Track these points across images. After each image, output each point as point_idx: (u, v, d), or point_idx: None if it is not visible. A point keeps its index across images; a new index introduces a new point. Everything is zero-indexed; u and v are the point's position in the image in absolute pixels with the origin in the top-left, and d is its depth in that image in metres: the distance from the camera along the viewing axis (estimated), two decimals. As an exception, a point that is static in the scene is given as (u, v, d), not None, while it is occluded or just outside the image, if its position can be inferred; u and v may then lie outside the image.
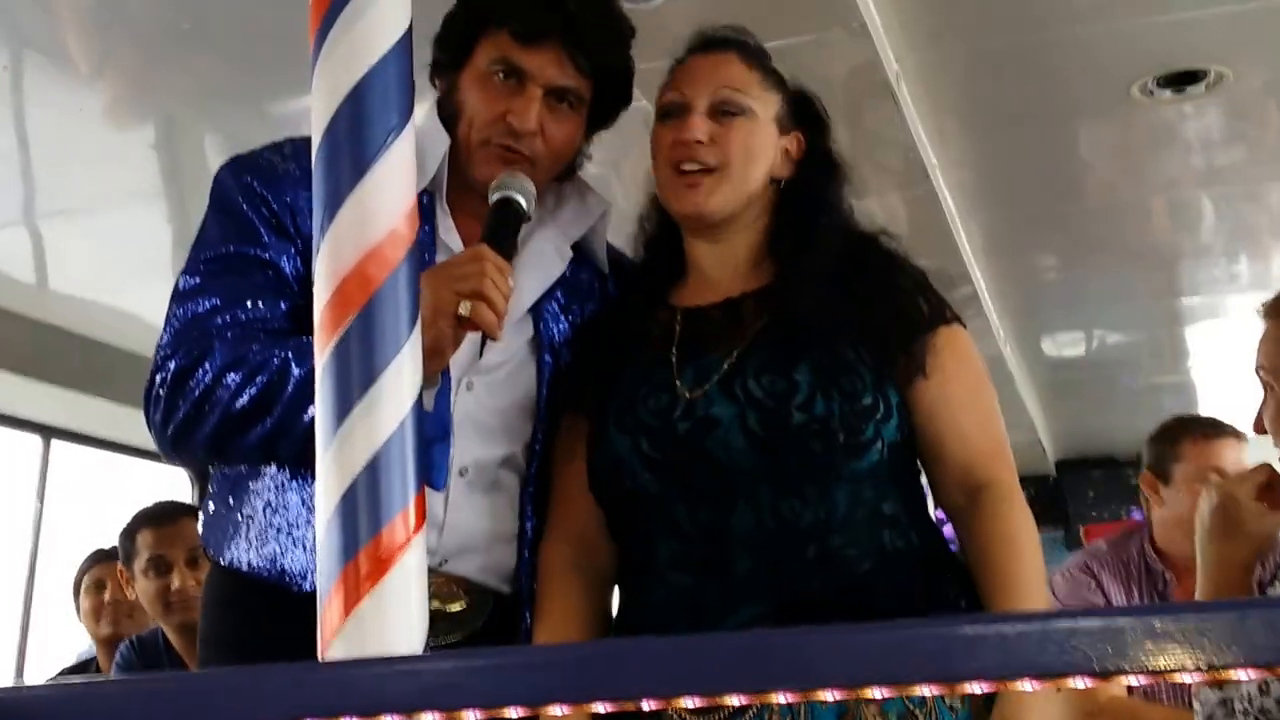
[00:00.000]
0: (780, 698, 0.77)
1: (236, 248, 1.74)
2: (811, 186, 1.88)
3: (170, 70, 3.07)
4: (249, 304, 1.71)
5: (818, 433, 1.69)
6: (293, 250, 1.75)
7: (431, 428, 1.38)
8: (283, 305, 1.74)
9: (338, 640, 1.16)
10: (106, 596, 3.70)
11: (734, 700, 0.79)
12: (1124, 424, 6.56)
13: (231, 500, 1.81)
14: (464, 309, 1.55)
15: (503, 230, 1.69)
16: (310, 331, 1.69)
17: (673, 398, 1.77)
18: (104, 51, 3.00)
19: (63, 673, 3.87)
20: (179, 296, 1.74)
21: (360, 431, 1.17)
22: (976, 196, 3.54)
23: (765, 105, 1.86)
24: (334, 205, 1.17)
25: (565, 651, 1.14)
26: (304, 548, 1.72)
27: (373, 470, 1.16)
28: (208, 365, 1.65)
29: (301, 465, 1.72)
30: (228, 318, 1.70)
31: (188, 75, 3.08)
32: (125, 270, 4.25)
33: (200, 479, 5.35)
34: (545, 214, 1.91)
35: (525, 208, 1.72)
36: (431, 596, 1.45)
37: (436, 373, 1.62)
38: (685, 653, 0.81)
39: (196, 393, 1.65)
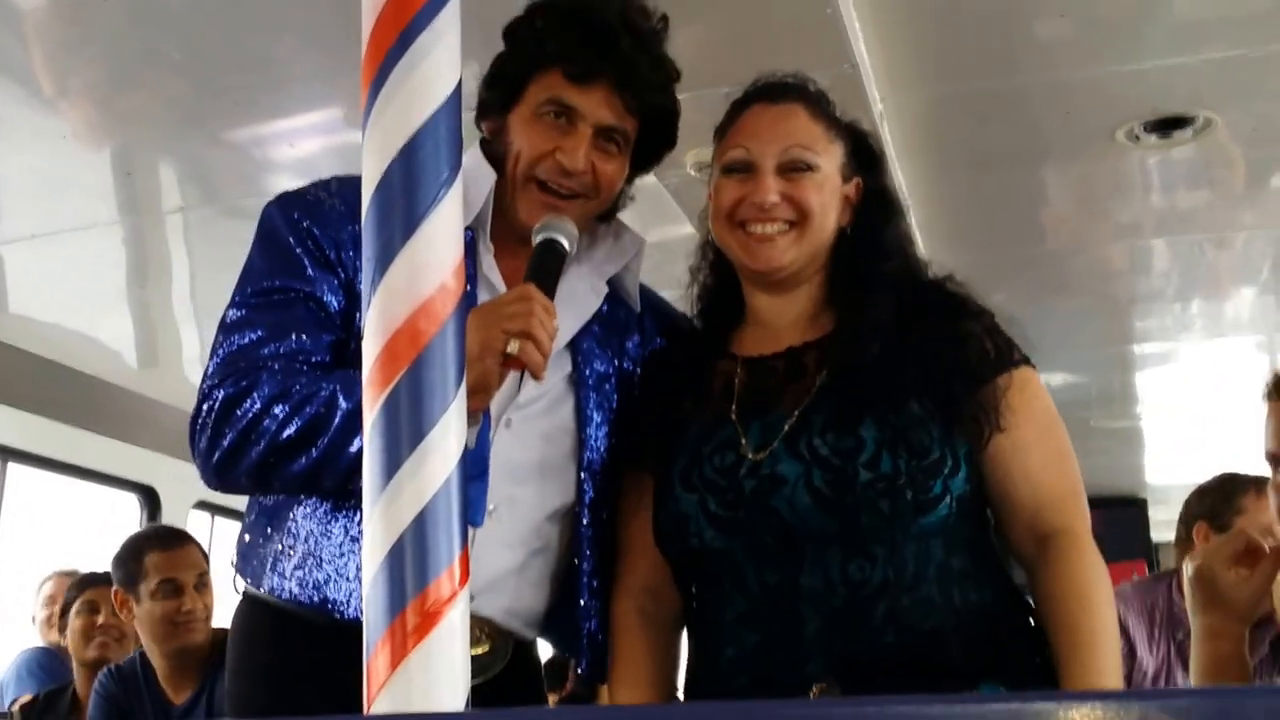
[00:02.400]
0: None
1: (281, 281, 1.76)
2: (870, 231, 1.87)
3: (131, 97, 3.04)
4: (293, 336, 1.73)
5: (885, 491, 1.67)
6: (336, 284, 1.77)
7: (471, 465, 1.40)
8: (325, 338, 1.76)
9: (384, 693, 1.17)
10: (100, 619, 3.71)
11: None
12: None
13: (270, 529, 1.81)
14: (512, 347, 1.56)
15: (546, 271, 1.70)
16: (351, 364, 1.72)
17: (738, 456, 1.76)
18: (68, 77, 2.96)
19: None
20: (225, 328, 1.76)
21: (409, 487, 1.17)
22: (946, 237, 3.54)
23: (831, 158, 1.85)
24: (385, 261, 1.18)
25: (607, 714, 1.14)
26: (348, 577, 1.73)
27: (420, 525, 1.17)
28: (255, 396, 1.66)
29: (344, 496, 1.72)
30: (273, 349, 1.72)
31: (148, 101, 3.05)
32: (84, 296, 4.19)
33: (149, 505, 5.31)
34: (581, 251, 1.91)
35: (567, 249, 1.74)
36: None
37: (479, 410, 1.63)
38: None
39: (244, 422, 1.66)
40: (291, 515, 1.79)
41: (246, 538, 1.86)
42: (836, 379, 1.77)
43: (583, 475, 1.85)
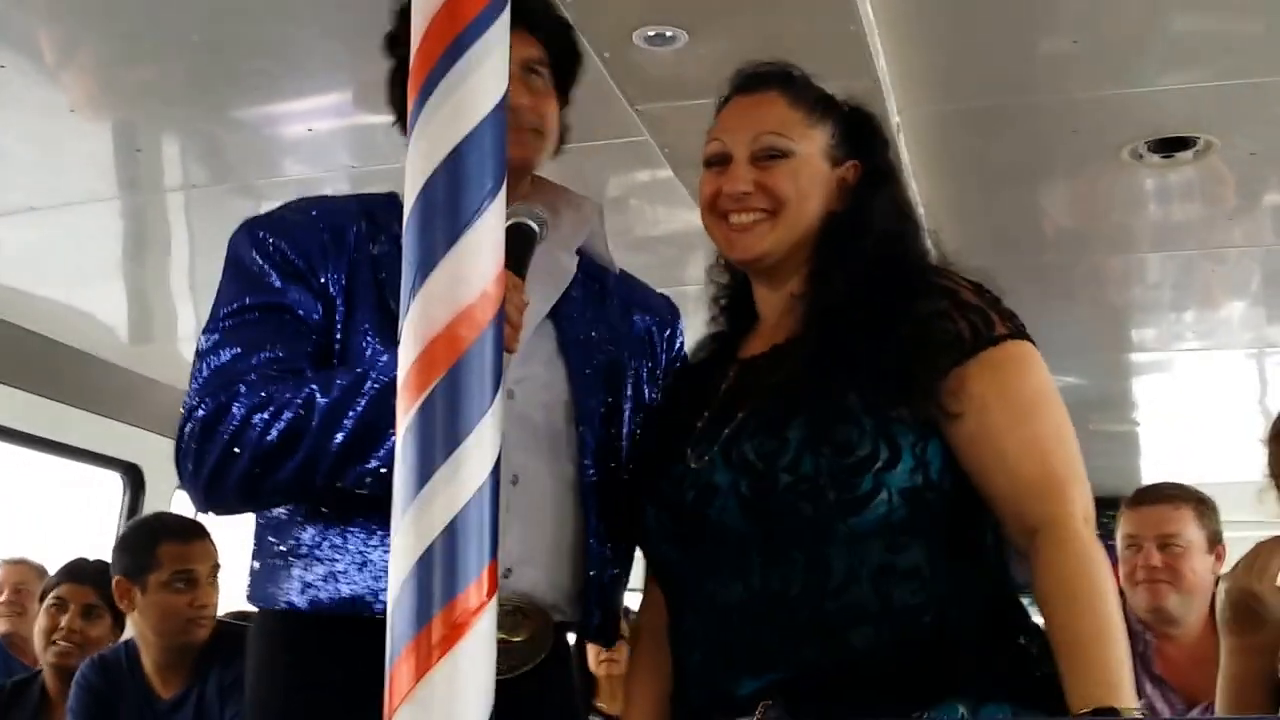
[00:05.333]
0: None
1: (252, 299, 1.78)
2: (857, 210, 1.80)
3: (140, 73, 3.02)
4: (268, 348, 1.74)
5: (806, 493, 1.60)
6: (309, 294, 1.79)
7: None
8: (301, 347, 1.77)
9: (405, 707, 1.15)
10: (63, 621, 3.59)
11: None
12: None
13: (280, 547, 1.82)
14: None
15: (513, 250, 1.71)
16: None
17: (685, 466, 1.74)
18: (76, 49, 2.94)
19: None
20: (201, 353, 1.77)
21: (441, 496, 1.15)
22: (954, 244, 3.57)
23: (811, 142, 1.80)
24: (427, 266, 1.16)
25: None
26: (370, 574, 1.74)
27: (450, 535, 1.15)
28: (235, 410, 1.67)
29: (338, 499, 1.73)
30: (250, 363, 1.73)
31: (153, 76, 3.02)
32: (79, 270, 4.15)
33: (134, 484, 5.23)
34: (547, 229, 1.97)
35: (537, 231, 1.76)
36: None
37: None
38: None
39: (225, 436, 1.67)
40: (298, 529, 1.81)
41: (257, 564, 1.88)
42: (780, 380, 1.71)
43: (581, 429, 1.88)
